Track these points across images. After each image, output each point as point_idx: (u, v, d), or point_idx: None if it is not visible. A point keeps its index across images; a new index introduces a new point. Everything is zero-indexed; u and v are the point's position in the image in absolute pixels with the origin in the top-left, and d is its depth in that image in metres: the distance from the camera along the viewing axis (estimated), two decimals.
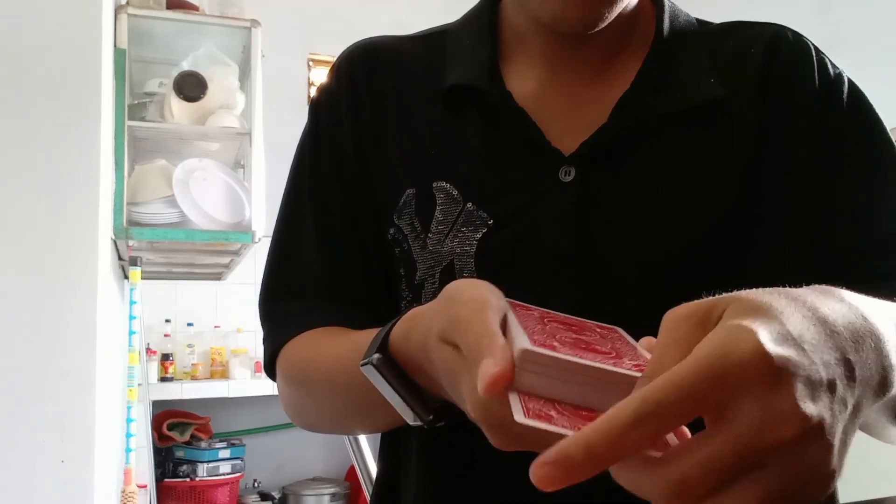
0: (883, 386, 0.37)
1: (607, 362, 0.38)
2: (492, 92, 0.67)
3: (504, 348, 0.38)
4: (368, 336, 0.54)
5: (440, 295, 0.47)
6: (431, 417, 0.51)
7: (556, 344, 0.39)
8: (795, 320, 0.34)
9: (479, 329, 0.41)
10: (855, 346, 0.36)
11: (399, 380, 0.51)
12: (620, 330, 0.47)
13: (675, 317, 0.36)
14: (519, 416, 0.35)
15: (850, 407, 0.34)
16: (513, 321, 0.42)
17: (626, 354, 0.41)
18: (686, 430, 0.35)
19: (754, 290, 0.36)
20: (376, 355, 0.51)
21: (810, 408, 0.31)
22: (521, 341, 0.38)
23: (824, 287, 0.40)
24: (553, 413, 0.36)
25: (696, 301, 0.36)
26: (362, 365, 0.51)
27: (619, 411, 0.31)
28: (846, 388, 0.34)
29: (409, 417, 0.52)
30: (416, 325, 0.49)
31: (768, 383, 0.31)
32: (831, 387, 0.33)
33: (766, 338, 0.31)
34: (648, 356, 0.41)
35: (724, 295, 0.36)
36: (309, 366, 0.68)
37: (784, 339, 0.32)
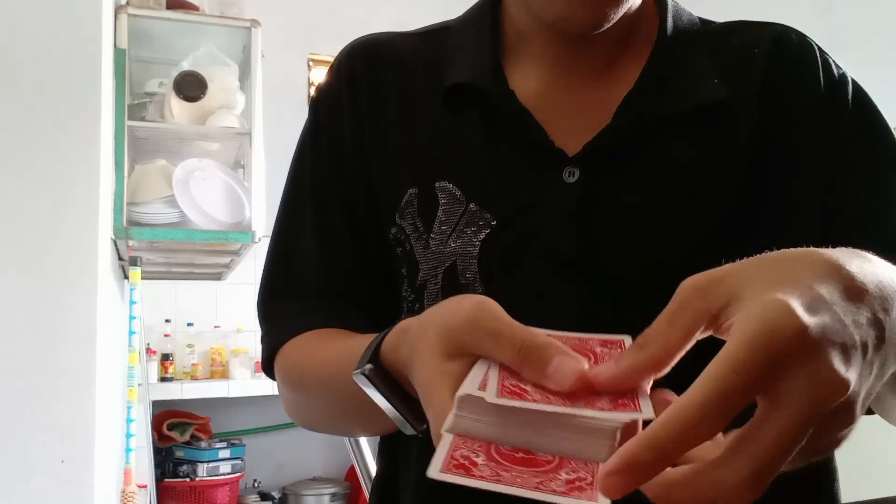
0: None
1: (528, 484, 0.34)
2: (494, 91, 0.67)
3: (444, 415, 0.38)
4: (361, 343, 0.54)
5: (427, 310, 0.46)
6: (425, 427, 0.51)
7: (478, 461, 0.36)
8: (824, 282, 0.34)
9: (433, 393, 0.41)
10: (882, 304, 0.36)
11: (391, 390, 0.50)
12: (626, 342, 0.44)
13: (684, 287, 0.36)
14: (434, 471, 0.34)
15: (876, 367, 0.35)
16: (478, 371, 0.40)
17: (569, 464, 0.37)
18: None
19: (776, 252, 0.37)
20: (368, 366, 0.50)
21: (849, 373, 0.32)
22: (466, 387, 0.37)
23: (849, 249, 0.40)
24: (479, 460, 0.34)
25: (705, 272, 0.36)
26: (354, 374, 0.51)
27: (686, 403, 0.31)
28: (875, 350, 0.35)
29: (403, 427, 0.51)
30: (404, 339, 0.48)
31: (812, 356, 0.31)
32: (864, 348, 0.34)
33: (801, 310, 0.32)
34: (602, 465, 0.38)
35: (736, 264, 0.37)
36: (305, 369, 0.68)
37: (817, 304, 0.33)
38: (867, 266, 0.38)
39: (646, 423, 0.33)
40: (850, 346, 0.33)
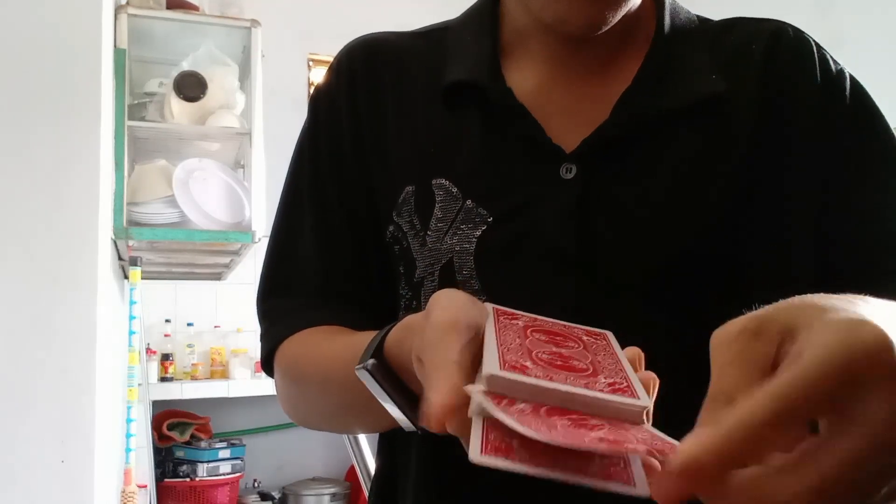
0: None
1: (579, 383, 0.36)
2: (492, 88, 0.67)
3: (450, 380, 0.37)
4: (363, 339, 0.54)
5: (427, 307, 0.46)
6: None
7: (528, 364, 0.37)
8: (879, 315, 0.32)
9: (438, 356, 0.40)
10: None
11: (393, 385, 0.50)
12: (609, 336, 0.45)
13: (726, 335, 0.34)
14: (474, 454, 0.33)
15: None
16: (490, 337, 0.40)
17: (605, 370, 0.39)
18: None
19: (803, 296, 0.35)
20: (371, 360, 0.50)
21: None
22: (490, 365, 0.36)
23: (847, 296, 0.38)
24: (515, 444, 0.34)
25: (743, 316, 0.34)
26: (357, 369, 0.51)
27: (753, 410, 0.29)
28: None
29: (403, 423, 0.51)
30: (408, 334, 0.48)
31: (892, 376, 0.29)
32: None
33: (883, 328, 0.30)
34: (630, 371, 0.39)
35: (775, 305, 0.34)
36: (305, 365, 0.68)
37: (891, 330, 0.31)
38: (881, 305, 0.36)
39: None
40: None
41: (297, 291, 0.72)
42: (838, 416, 0.30)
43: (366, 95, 0.73)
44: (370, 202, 0.71)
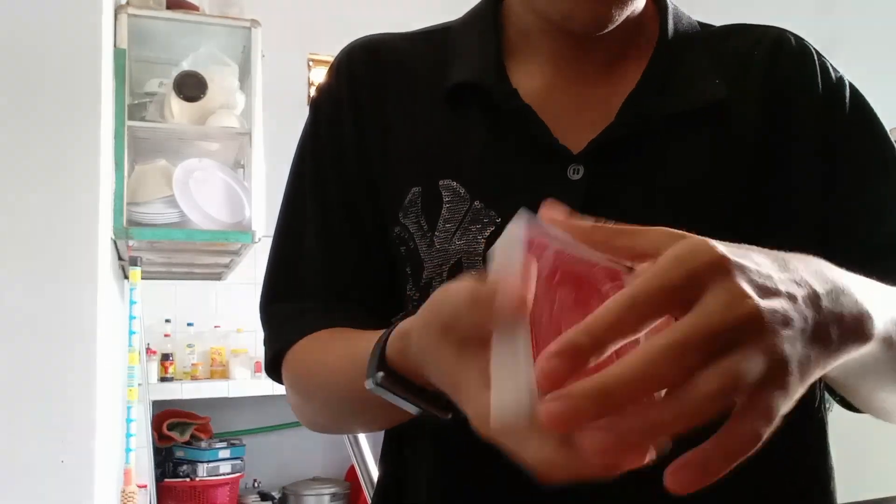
0: (859, 332, 0.39)
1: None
2: (497, 89, 0.67)
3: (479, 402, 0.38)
4: (364, 347, 0.53)
5: (419, 311, 0.45)
6: (451, 415, 0.51)
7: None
8: (760, 259, 0.37)
9: (457, 377, 0.41)
10: (823, 284, 0.38)
11: (407, 390, 0.50)
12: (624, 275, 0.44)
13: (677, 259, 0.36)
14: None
15: (811, 323, 0.36)
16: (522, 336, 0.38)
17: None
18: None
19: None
20: (380, 374, 0.50)
21: (770, 300, 0.34)
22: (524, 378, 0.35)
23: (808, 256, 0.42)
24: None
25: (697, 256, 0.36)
26: (368, 386, 0.51)
27: (617, 299, 0.34)
28: (808, 306, 0.36)
29: (431, 418, 0.51)
30: (408, 343, 0.48)
31: (730, 274, 0.34)
32: (791, 297, 0.35)
33: (724, 249, 0.35)
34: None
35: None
36: (312, 376, 0.68)
37: (744, 259, 0.36)
38: (815, 263, 0.40)
39: None
40: (773, 289, 0.35)
41: (300, 295, 0.72)
42: (684, 310, 0.34)
43: (367, 97, 0.73)
44: (373, 203, 0.71)
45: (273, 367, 0.72)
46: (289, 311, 0.72)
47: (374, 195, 0.71)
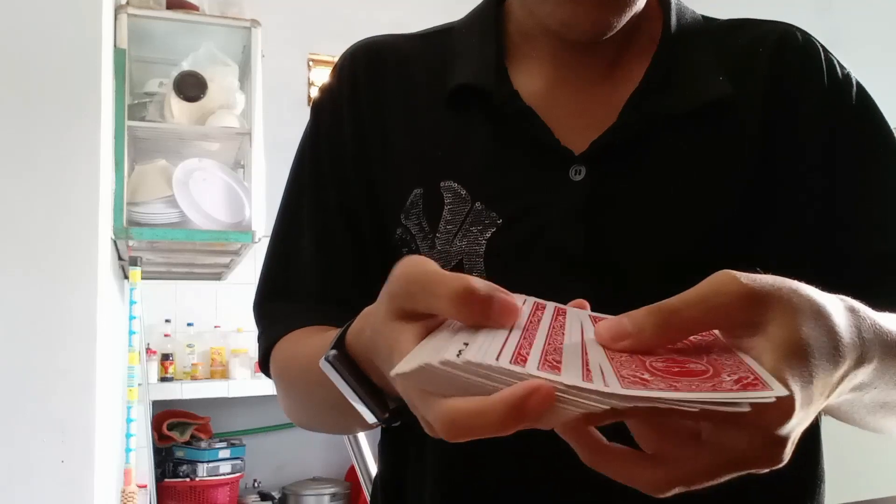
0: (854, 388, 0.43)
1: (705, 388, 0.33)
2: (499, 91, 0.67)
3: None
4: (334, 334, 0.54)
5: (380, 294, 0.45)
6: (388, 416, 0.51)
7: (646, 377, 0.34)
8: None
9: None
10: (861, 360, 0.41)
11: (354, 376, 0.50)
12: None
13: (727, 286, 0.38)
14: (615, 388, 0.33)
15: (822, 403, 0.39)
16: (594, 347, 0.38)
17: (725, 367, 0.36)
18: None
19: (808, 295, 0.39)
20: (332, 352, 0.50)
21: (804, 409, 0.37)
22: (612, 384, 0.33)
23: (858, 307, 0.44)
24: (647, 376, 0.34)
25: (749, 283, 0.38)
26: (321, 362, 0.51)
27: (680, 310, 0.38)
28: (828, 395, 0.39)
29: (367, 415, 0.51)
30: (365, 322, 0.48)
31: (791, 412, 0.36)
32: (823, 389, 0.38)
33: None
34: (750, 361, 0.37)
35: (776, 289, 0.38)
36: (289, 365, 0.68)
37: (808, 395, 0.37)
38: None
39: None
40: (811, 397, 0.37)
41: (295, 296, 0.72)
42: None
43: (368, 98, 0.73)
44: (372, 206, 0.71)
45: (264, 364, 0.73)
46: (283, 310, 0.72)
47: (374, 199, 0.71)
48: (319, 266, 0.72)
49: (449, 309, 0.38)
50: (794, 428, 0.36)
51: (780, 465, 0.36)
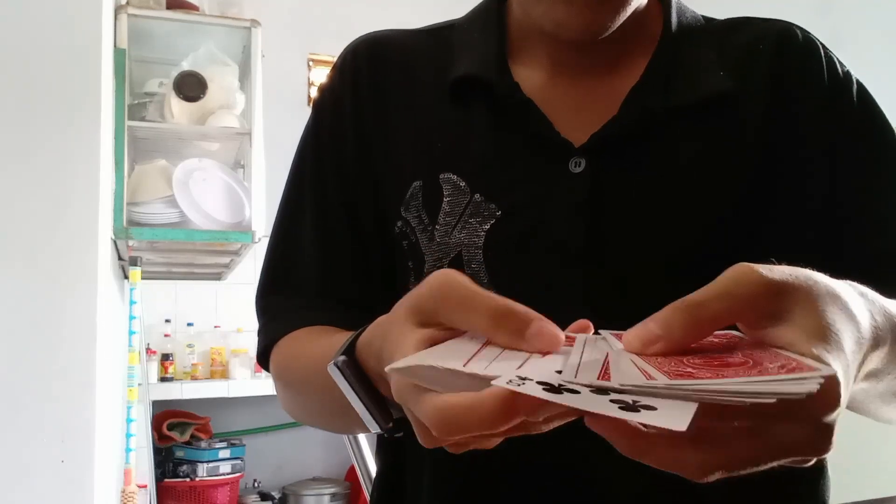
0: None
1: (753, 373, 0.33)
2: (500, 83, 0.67)
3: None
4: (339, 339, 0.54)
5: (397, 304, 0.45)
6: (391, 426, 0.51)
7: (690, 370, 0.34)
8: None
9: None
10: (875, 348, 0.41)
11: (360, 383, 0.50)
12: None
13: (747, 278, 0.38)
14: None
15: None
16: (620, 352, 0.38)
17: (765, 357, 0.36)
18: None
19: (828, 286, 0.40)
20: (341, 357, 0.50)
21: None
22: (658, 376, 0.33)
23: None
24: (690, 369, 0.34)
25: (769, 275, 0.38)
26: (328, 366, 0.51)
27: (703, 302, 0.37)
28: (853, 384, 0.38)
29: (370, 423, 0.51)
30: (377, 332, 0.48)
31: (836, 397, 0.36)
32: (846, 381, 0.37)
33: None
34: (786, 353, 0.36)
35: (797, 280, 0.38)
36: (291, 364, 0.68)
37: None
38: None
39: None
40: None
41: (295, 290, 0.72)
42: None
43: (370, 93, 0.73)
44: (374, 201, 0.71)
45: (264, 359, 0.73)
46: (284, 305, 0.72)
47: (375, 192, 0.71)
48: (320, 260, 0.72)
49: (487, 325, 0.38)
50: (838, 414, 0.36)
51: (828, 454, 0.36)
